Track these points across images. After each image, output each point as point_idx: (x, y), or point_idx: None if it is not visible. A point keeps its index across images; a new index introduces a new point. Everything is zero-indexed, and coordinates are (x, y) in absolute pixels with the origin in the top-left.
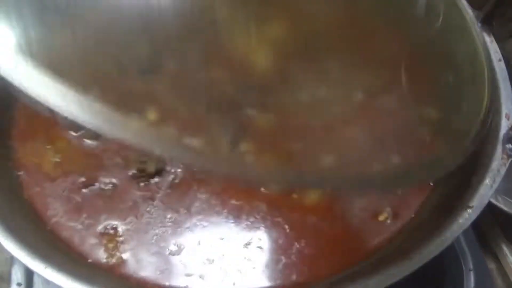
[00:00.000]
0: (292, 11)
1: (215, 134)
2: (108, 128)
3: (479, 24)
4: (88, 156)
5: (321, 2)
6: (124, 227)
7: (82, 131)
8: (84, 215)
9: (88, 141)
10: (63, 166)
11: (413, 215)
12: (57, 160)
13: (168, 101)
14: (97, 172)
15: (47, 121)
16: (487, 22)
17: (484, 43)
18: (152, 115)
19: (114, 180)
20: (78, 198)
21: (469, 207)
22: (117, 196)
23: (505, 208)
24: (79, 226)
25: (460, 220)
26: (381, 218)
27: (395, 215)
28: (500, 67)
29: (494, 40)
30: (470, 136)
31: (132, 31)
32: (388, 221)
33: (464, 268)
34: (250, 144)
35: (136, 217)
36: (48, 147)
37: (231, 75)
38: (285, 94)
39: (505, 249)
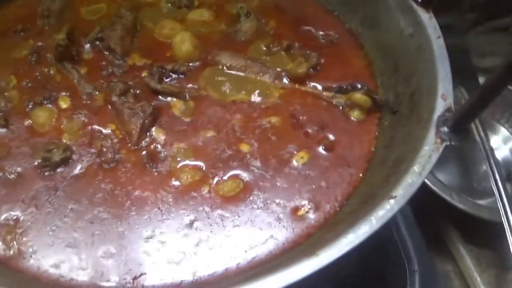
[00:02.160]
0: None
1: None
2: None
3: (418, 1)
4: None
5: None
6: (24, 217)
7: None
8: None
9: None
10: None
11: (338, 208)
12: None
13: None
14: (3, 161)
15: None
16: None
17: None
18: (64, 102)
19: (19, 169)
20: None
21: (392, 197)
22: (21, 185)
23: (461, 206)
24: None
25: (381, 212)
26: (301, 212)
27: (316, 209)
28: (438, 44)
29: (433, 16)
30: None
31: None
32: (310, 215)
33: (408, 269)
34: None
35: (37, 207)
36: None
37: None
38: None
39: (462, 249)
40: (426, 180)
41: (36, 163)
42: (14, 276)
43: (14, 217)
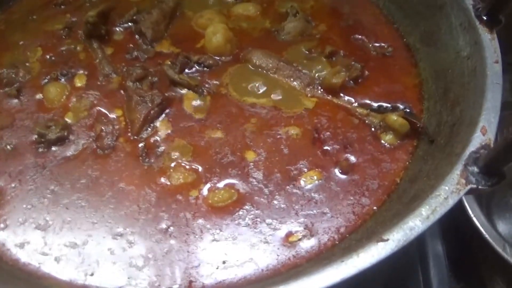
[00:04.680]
0: None
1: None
2: None
3: (483, 18)
4: (2, 114)
5: None
6: (6, 191)
7: (8, 88)
8: None
9: (10, 100)
10: None
11: (337, 242)
12: None
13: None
14: (4, 131)
15: None
16: (492, 17)
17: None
18: (79, 80)
19: (16, 141)
20: None
21: (382, 240)
22: (13, 158)
23: None
24: None
25: (363, 254)
26: (292, 238)
27: (312, 238)
28: (493, 70)
29: (496, 38)
30: None
31: None
32: (302, 244)
33: None
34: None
35: (21, 182)
36: None
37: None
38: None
39: None
40: (478, 224)
41: (33, 139)
42: None
43: None
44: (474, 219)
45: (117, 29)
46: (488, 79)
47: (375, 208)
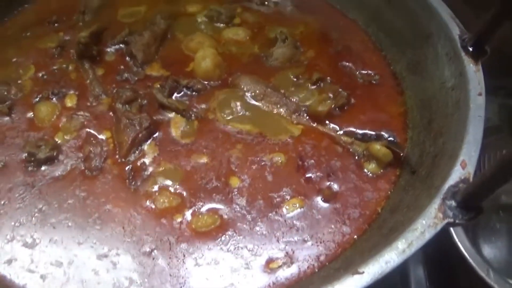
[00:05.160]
0: None
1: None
2: None
3: (469, 49)
4: None
5: None
6: None
7: None
8: None
9: (1, 117)
10: None
11: (316, 270)
12: None
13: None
14: None
15: None
16: (478, 48)
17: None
18: (70, 101)
19: (6, 159)
20: None
21: (357, 273)
22: (2, 176)
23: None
24: None
25: (337, 286)
26: (273, 265)
27: (292, 265)
28: (476, 102)
29: (480, 70)
30: None
31: None
32: (282, 271)
33: None
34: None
35: (10, 200)
36: None
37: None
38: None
39: None
40: (463, 249)
41: (23, 157)
42: None
43: None
44: (459, 244)
45: (109, 50)
46: (471, 111)
47: (355, 237)
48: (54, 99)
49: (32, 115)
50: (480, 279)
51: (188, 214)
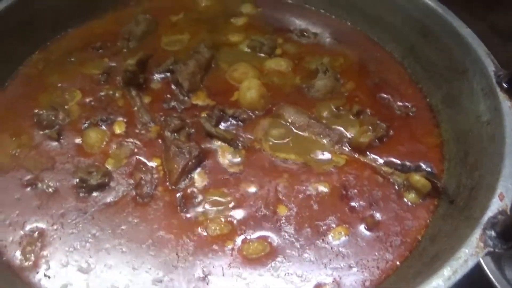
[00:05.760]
0: None
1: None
2: None
3: (504, 86)
4: (43, 156)
5: None
6: (48, 233)
7: (48, 130)
8: (17, 212)
9: (50, 142)
10: (18, 160)
11: None
12: (15, 153)
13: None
14: (46, 173)
15: (18, 113)
16: None
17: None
18: (119, 127)
19: (57, 184)
20: (17, 194)
21: None
22: (54, 201)
23: None
24: (7, 221)
25: None
26: None
27: None
28: None
29: None
30: None
31: None
32: None
33: None
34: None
35: (63, 226)
36: (13, 139)
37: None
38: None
39: None
40: (489, 274)
41: (74, 182)
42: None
43: (39, 230)
44: (485, 267)
45: (154, 77)
46: (507, 146)
47: (398, 263)
48: (102, 125)
49: (81, 141)
50: None
51: (239, 241)
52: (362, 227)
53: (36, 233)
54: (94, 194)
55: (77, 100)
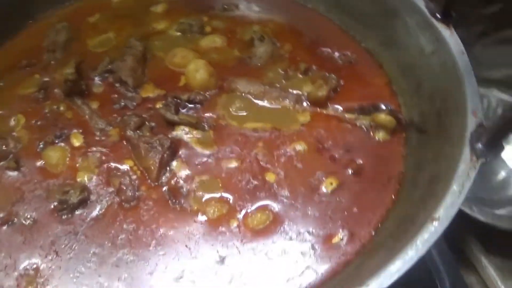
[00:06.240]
0: None
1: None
2: None
3: (438, 17)
4: (8, 189)
5: None
6: (45, 265)
7: (4, 162)
8: (2, 255)
9: (9, 172)
10: None
11: (373, 233)
12: None
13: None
14: (17, 206)
15: None
16: (445, 14)
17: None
18: (76, 140)
19: (34, 214)
20: None
21: (435, 219)
22: (38, 231)
23: (481, 218)
24: None
25: (426, 235)
26: (335, 240)
27: (351, 235)
28: (463, 60)
29: (454, 32)
30: None
31: None
32: (345, 242)
33: None
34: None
35: (57, 253)
36: None
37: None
38: None
39: (484, 260)
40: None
41: (52, 206)
42: None
43: (34, 266)
44: None
45: (94, 81)
46: (461, 69)
47: (393, 197)
48: (59, 142)
49: (43, 163)
50: (464, 214)
51: (241, 217)
52: (349, 173)
53: (32, 269)
54: (77, 212)
55: (23, 124)
